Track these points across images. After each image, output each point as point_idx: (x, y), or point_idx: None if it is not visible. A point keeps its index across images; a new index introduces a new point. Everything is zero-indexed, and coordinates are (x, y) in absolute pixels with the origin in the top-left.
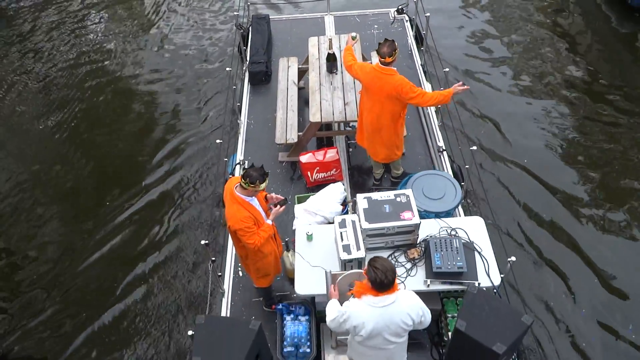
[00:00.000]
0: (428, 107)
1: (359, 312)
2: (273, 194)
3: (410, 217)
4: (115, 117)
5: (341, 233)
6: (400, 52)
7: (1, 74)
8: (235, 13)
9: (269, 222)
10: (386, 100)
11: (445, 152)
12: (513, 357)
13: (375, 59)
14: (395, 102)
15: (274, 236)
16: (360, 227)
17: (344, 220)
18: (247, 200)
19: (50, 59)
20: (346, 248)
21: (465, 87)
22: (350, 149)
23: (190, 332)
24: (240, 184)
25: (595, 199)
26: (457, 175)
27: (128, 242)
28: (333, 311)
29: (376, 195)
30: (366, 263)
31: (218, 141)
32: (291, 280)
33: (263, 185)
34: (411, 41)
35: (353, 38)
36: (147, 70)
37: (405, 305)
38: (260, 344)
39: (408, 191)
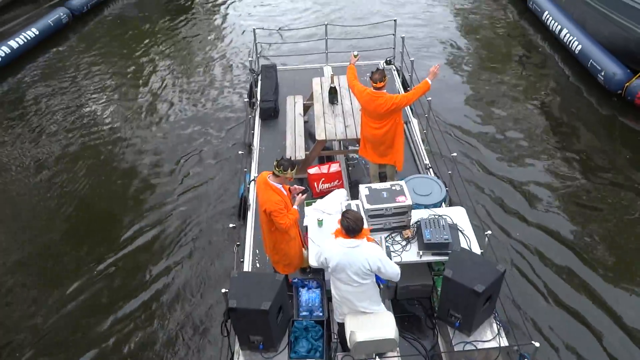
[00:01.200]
0: (415, 136)
1: (330, 249)
2: (295, 186)
3: (403, 200)
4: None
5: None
6: None
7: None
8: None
9: (295, 207)
10: (384, 115)
11: (431, 169)
12: (495, 314)
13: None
14: (391, 115)
15: (298, 228)
16: (363, 208)
17: (349, 204)
18: (279, 187)
19: (53, 139)
20: None
21: (437, 66)
22: (350, 168)
23: (223, 290)
24: (274, 172)
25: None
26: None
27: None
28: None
29: (375, 185)
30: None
31: (240, 152)
32: (302, 270)
33: (292, 173)
34: (399, 86)
35: (355, 56)
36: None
37: (366, 253)
38: (283, 297)
39: (401, 182)
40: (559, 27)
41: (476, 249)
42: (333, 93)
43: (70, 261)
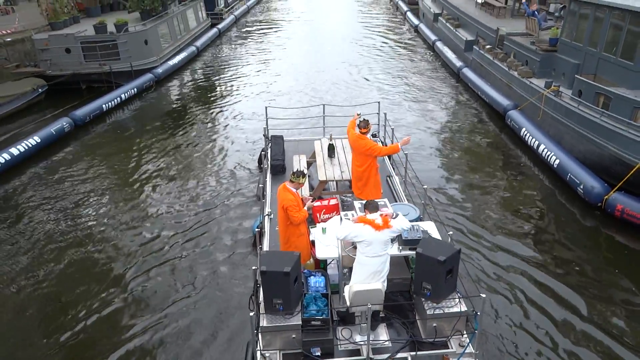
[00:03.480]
0: (396, 180)
1: (361, 230)
2: (306, 196)
3: (387, 211)
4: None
5: (341, 218)
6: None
7: None
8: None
9: (305, 209)
10: (362, 155)
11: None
12: (457, 291)
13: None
14: (367, 158)
15: (308, 227)
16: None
17: (346, 214)
18: (294, 191)
19: (48, 247)
20: None
21: (408, 137)
22: (345, 204)
23: (253, 268)
24: (290, 179)
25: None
26: None
27: None
28: (344, 230)
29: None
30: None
31: (260, 185)
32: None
33: (303, 180)
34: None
35: (358, 115)
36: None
37: (389, 230)
38: (298, 270)
39: (384, 199)
40: (537, 142)
41: None
42: (331, 149)
43: None
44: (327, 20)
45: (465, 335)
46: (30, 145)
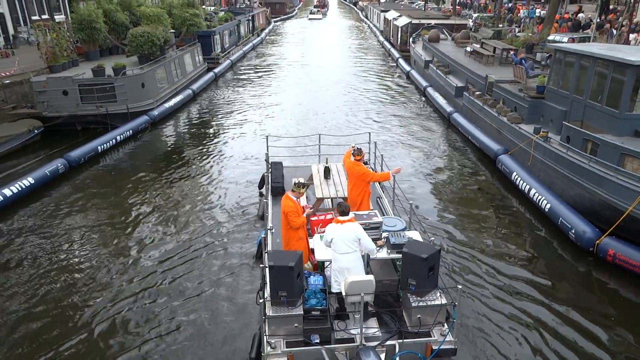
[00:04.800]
0: (385, 201)
1: (330, 230)
2: (305, 205)
3: (376, 218)
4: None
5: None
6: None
7: None
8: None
9: (304, 216)
10: (357, 180)
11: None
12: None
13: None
14: (361, 183)
15: (307, 231)
16: None
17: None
18: (294, 199)
19: (38, 291)
20: None
21: (399, 167)
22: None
23: (261, 265)
24: (292, 189)
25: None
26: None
27: None
28: (325, 236)
29: (359, 212)
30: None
31: (263, 203)
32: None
33: (304, 190)
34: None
35: (352, 146)
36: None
37: (353, 225)
38: (301, 267)
39: (375, 210)
40: (528, 186)
41: None
42: (327, 171)
43: None
44: (322, 66)
45: (446, 326)
46: (24, 186)
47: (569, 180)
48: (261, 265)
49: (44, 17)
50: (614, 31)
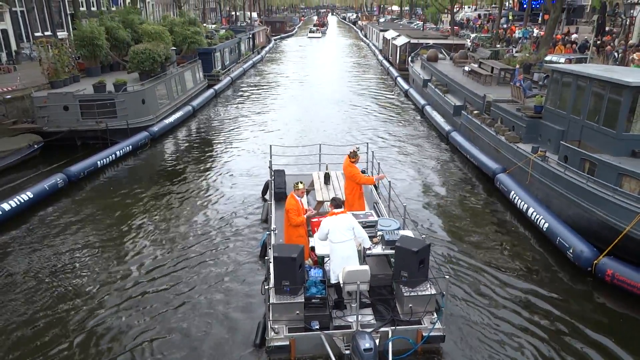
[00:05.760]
0: (382, 206)
1: (326, 222)
2: (307, 207)
3: (372, 217)
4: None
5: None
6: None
7: None
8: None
9: (304, 216)
10: (350, 182)
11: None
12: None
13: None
14: (354, 184)
15: (307, 231)
16: None
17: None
18: (297, 199)
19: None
20: None
21: (383, 175)
22: None
23: (266, 257)
24: (294, 187)
25: None
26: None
27: None
28: (319, 230)
29: (356, 212)
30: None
31: (267, 203)
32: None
33: (301, 186)
34: (371, 187)
35: (352, 151)
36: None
37: (347, 215)
38: (302, 259)
39: (371, 211)
40: (526, 205)
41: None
42: (327, 177)
43: None
44: (321, 83)
45: (435, 315)
46: (23, 201)
47: (567, 200)
48: (266, 258)
49: (46, 33)
50: (616, 54)
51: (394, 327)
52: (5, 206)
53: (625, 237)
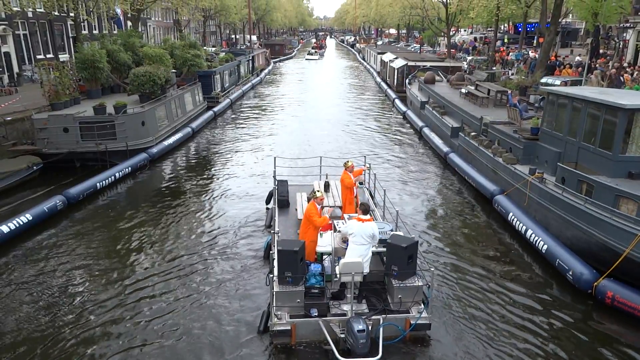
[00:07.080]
0: (377, 213)
1: (352, 225)
2: (326, 207)
3: (368, 219)
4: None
5: (335, 227)
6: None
7: None
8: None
9: (326, 216)
10: (346, 188)
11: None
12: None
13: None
14: (349, 189)
15: (316, 238)
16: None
17: (339, 223)
18: (318, 207)
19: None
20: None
21: (366, 167)
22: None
23: (271, 251)
24: (313, 196)
25: None
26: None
27: None
28: (345, 228)
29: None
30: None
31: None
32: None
33: (319, 193)
34: (368, 196)
35: (348, 162)
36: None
37: (372, 224)
38: (303, 254)
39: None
40: (524, 227)
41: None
42: (327, 185)
43: None
44: (319, 105)
45: (422, 306)
46: (22, 223)
47: (565, 222)
48: (270, 252)
49: (48, 56)
50: (622, 78)
51: (384, 315)
52: (4, 228)
53: (625, 259)
